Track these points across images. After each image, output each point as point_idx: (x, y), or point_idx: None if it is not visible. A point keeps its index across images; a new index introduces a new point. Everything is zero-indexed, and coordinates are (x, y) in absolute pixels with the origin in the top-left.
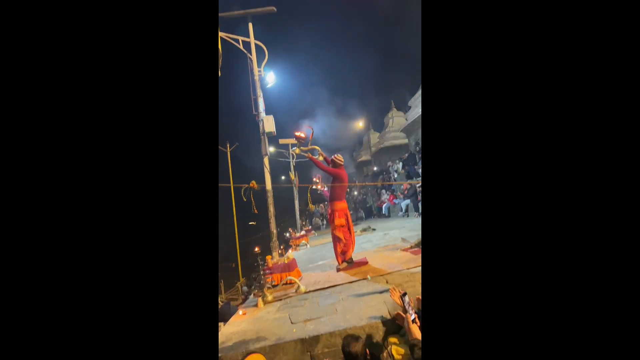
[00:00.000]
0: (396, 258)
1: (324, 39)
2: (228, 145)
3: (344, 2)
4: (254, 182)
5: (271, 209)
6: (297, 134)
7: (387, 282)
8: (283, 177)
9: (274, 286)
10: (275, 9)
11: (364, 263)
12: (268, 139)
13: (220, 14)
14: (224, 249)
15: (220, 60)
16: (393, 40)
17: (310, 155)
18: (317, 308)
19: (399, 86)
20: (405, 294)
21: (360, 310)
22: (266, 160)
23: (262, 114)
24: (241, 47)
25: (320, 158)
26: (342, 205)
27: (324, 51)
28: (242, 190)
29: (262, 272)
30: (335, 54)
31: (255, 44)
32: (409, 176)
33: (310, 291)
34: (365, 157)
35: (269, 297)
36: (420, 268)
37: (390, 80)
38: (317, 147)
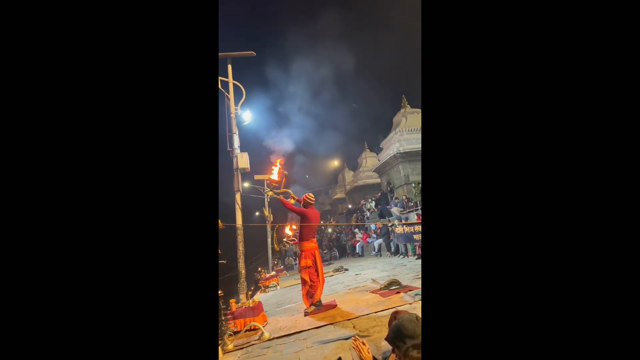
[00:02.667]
0: (365, 301)
1: (303, 82)
2: None
3: (320, 49)
4: (219, 221)
5: (241, 247)
6: (270, 177)
7: (354, 327)
8: (257, 213)
9: (235, 333)
10: (254, 53)
11: (332, 306)
12: (242, 175)
13: None
14: None
15: None
16: (367, 84)
17: (282, 197)
18: (280, 357)
19: (373, 128)
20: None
21: (324, 359)
22: (238, 197)
23: (237, 151)
24: (219, 86)
25: (292, 201)
26: (310, 245)
27: (302, 94)
28: None
29: (223, 318)
30: (313, 96)
31: (233, 84)
32: (381, 215)
33: (274, 338)
34: (340, 194)
35: (230, 346)
36: (386, 312)
37: (364, 123)
38: (289, 190)
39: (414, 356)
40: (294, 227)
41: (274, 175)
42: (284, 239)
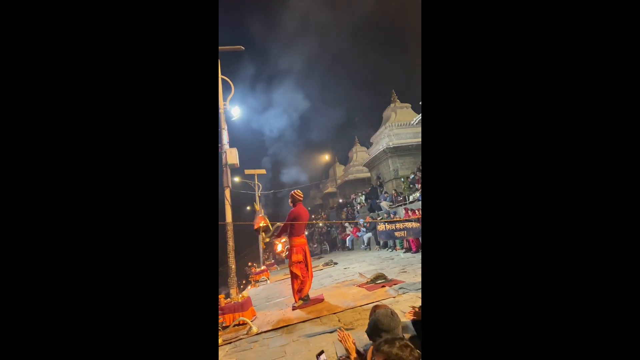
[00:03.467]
0: (351, 295)
1: (293, 75)
2: None
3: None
4: None
5: (230, 242)
6: (260, 223)
7: (339, 321)
8: (248, 208)
9: (224, 328)
10: (243, 48)
11: (320, 300)
12: (232, 170)
13: None
14: None
15: None
16: (359, 77)
17: (274, 236)
18: (267, 351)
19: (363, 122)
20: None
21: (309, 352)
22: (227, 193)
23: (226, 146)
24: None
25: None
26: (300, 240)
27: (292, 88)
28: None
29: None
30: (303, 90)
31: (222, 79)
32: (371, 209)
33: (262, 332)
34: (331, 188)
35: (218, 340)
36: (371, 305)
37: (355, 116)
38: (278, 223)
39: (385, 350)
40: (283, 239)
41: (268, 227)
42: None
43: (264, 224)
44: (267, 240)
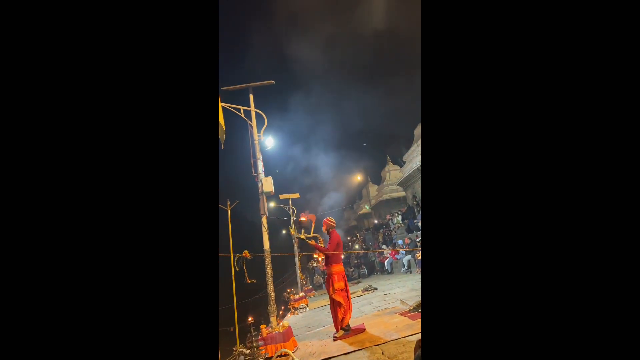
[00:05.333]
0: (393, 324)
1: (321, 101)
2: (228, 203)
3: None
4: (246, 251)
5: (269, 269)
6: (301, 219)
7: (382, 353)
8: (284, 232)
9: (267, 359)
10: (274, 82)
11: (361, 330)
12: (267, 197)
13: (224, 88)
14: (221, 311)
15: (224, 134)
16: (388, 99)
17: (313, 242)
18: None
19: (395, 141)
20: None
21: None
22: (264, 220)
23: (262, 175)
24: (242, 115)
25: (322, 245)
26: (339, 268)
27: (321, 113)
28: (235, 259)
29: (255, 344)
30: (331, 114)
31: (255, 112)
32: (409, 229)
33: None
34: (365, 209)
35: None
36: (415, 336)
37: (386, 136)
38: (317, 235)
39: None
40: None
41: (304, 218)
42: (314, 264)
43: (305, 219)
44: (303, 237)
